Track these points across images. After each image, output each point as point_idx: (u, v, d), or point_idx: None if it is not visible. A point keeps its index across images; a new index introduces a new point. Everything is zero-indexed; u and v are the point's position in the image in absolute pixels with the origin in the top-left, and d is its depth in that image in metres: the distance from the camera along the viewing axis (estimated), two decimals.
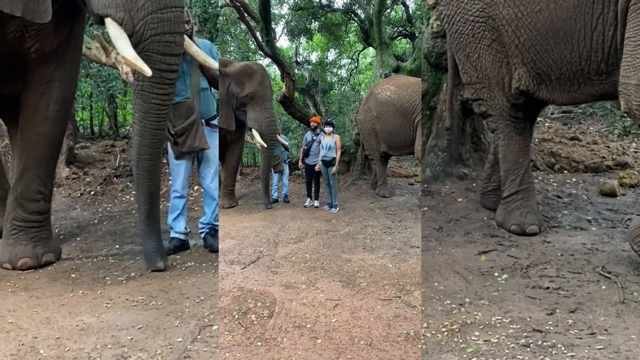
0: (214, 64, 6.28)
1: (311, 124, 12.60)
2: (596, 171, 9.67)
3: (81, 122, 19.25)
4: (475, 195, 7.96)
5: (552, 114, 12.54)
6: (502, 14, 6.27)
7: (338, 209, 11.10)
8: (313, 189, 12.14)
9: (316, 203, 11.95)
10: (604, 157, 10.17)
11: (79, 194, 9.94)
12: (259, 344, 4.07)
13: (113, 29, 4.79)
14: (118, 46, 4.80)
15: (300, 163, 12.57)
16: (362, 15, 20.38)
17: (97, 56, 9.74)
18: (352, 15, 21.68)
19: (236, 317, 4.66)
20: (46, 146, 6.15)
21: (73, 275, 5.69)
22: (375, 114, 12.47)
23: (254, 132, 11.04)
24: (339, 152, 11.24)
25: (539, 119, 11.91)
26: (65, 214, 8.75)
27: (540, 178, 9.09)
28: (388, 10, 19.81)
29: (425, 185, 8.42)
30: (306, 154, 12.14)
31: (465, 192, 8.14)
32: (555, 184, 8.86)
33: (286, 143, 13.52)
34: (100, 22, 4.96)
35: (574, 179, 9.14)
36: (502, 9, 6.26)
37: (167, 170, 7.85)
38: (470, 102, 7.63)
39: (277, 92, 18.03)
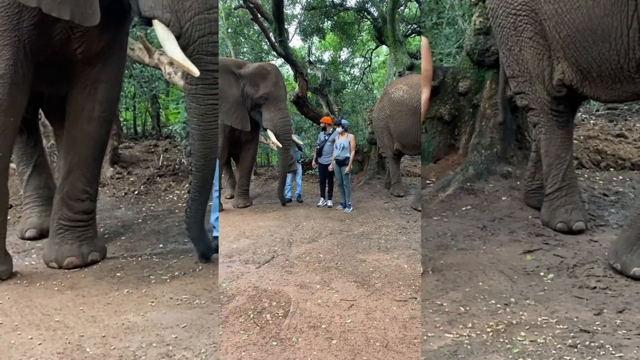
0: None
1: (321, 124, 12.65)
2: None
3: (125, 122, 19.46)
4: (520, 193, 7.85)
5: (597, 110, 12.32)
6: (543, 9, 6.19)
7: (352, 208, 11.05)
8: (326, 188, 12.09)
9: (330, 203, 11.90)
10: None
11: (123, 194, 10.05)
12: (274, 343, 4.08)
13: (160, 30, 4.85)
14: (166, 47, 4.86)
15: (313, 162, 12.55)
16: (375, 13, 20.34)
17: (140, 57, 9.85)
18: (365, 13, 21.66)
19: (251, 316, 4.67)
20: (91, 146, 6.24)
21: (118, 274, 5.77)
22: (388, 113, 12.45)
23: (269, 133, 11.08)
24: (352, 152, 11.17)
25: (584, 115, 11.74)
26: (109, 214, 8.85)
27: (586, 176, 8.93)
28: (401, 8, 19.68)
29: (469, 184, 8.31)
30: (319, 153, 12.11)
31: (509, 190, 8.03)
32: (601, 181, 8.70)
33: (300, 143, 13.50)
34: (148, 23, 5.04)
35: (621, 177, 8.96)
36: (543, 4, 6.18)
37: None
38: (513, 97, 7.54)
39: (290, 92, 18.05)
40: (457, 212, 7.56)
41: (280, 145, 11.12)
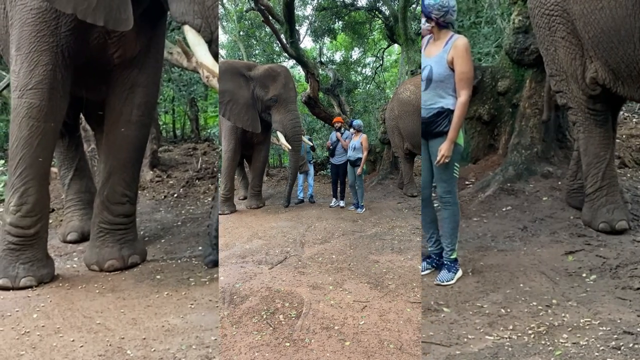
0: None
1: (335, 124, 12.66)
2: None
3: (164, 126, 19.69)
4: (561, 193, 7.74)
5: (639, 109, 12.12)
6: (573, 9, 6.15)
7: (364, 209, 11.06)
8: (339, 189, 12.10)
9: (342, 203, 11.93)
10: None
11: (163, 197, 10.14)
12: (287, 344, 4.06)
13: (191, 36, 4.88)
14: (197, 53, 4.88)
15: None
16: (387, 12, 20.30)
17: (178, 60, 9.94)
18: (376, 12, 21.64)
19: (264, 317, 4.66)
20: (130, 150, 6.31)
21: (158, 277, 5.82)
22: (397, 113, 12.55)
23: (279, 135, 11.10)
24: (365, 153, 11.17)
25: (627, 114, 11.55)
26: (149, 216, 8.94)
27: (628, 175, 8.79)
28: (413, 6, 19.54)
29: (508, 184, 8.23)
30: (332, 153, 12.16)
31: (550, 190, 7.92)
32: None
33: (311, 143, 13.48)
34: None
35: None
36: (572, 4, 6.14)
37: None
38: (554, 96, 7.47)
39: (302, 92, 18.20)
40: (497, 213, 7.49)
41: (290, 147, 11.15)
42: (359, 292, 5.35)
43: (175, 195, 10.23)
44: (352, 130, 11.49)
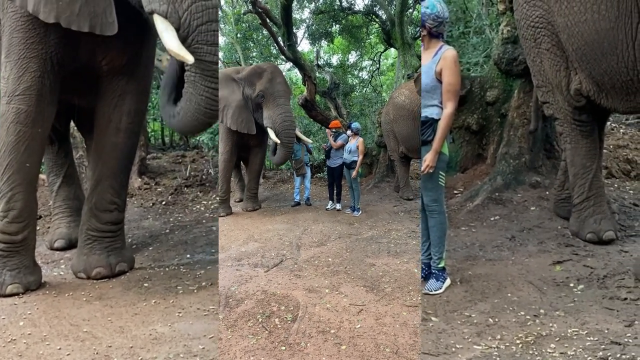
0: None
1: (333, 129, 12.68)
2: None
3: (152, 133, 19.64)
4: (549, 203, 7.77)
5: (627, 119, 12.17)
6: (558, 21, 6.18)
7: (361, 212, 11.07)
8: (335, 191, 12.10)
9: (338, 206, 11.92)
10: None
11: (151, 204, 10.11)
12: (283, 348, 4.06)
13: (159, 22, 4.82)
14: (163, 39, 4.81)
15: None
16: (384, 16, 20.37)
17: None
18: (373, 16, 21.76)
19: (260, 320, 4.67)
20: (119, 157, 6.29)
21: (146, 285, 5.80)
22: (392, 117, 12.65)
23: (269, 131, 10.95)
24: (360, 156, 11.24)
25: (613, 124, 11.62)
26: (137, 224, 8.91)
27: (615, 185, 8.84)
28: (410, 10, 19.72)
29: (497, 194, 8.25)
30: (327, 156, 12.21)
31: (538, 200, 7.95)
32: (631, 191, 8.60)
33: (311, 142, 13.30)
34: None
35: None
36: (557, 17, 6.17)
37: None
38: (541, 106, 7.51)
39: (299, 95, 18.33)
40: (485, 223, 7.51)
41: (279, 142, 10.99)
42: (355, 295, 5.36)
43: (164, 202, 10.20)
44: (349, 132, 11.50)
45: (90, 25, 5.18)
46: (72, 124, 8.01)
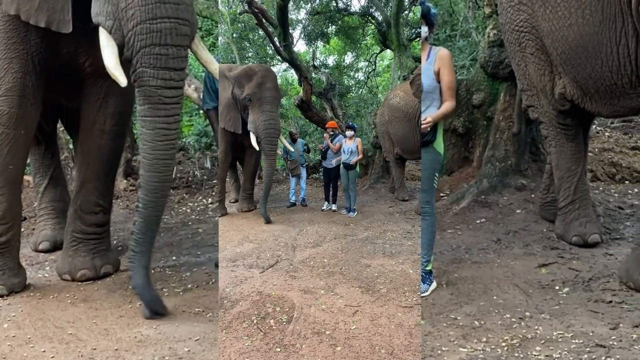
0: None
1: (329, 130, 12.73)
2: None
3: (138, 135, 19.57)
4: (534, 206, 7.79)
5: (612, 122, 12.22)
6: (542, 26, 6.21)
7: (356, 213, 11.12)
8: (331, 192, 12.17)
9: (334, 207, 11.98)
10: None
11: (136, 206, 10.04)
12: (278, 349, 4.07)
13: (103, 37, 4.71)
14: (103, 54, 4.74)
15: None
16: (380, 18, 20.49)
17: None
18: (370, 17, 21.85)
19: (255, 321, 4.68)
20: (104, 159, 6.25)
21: (131, 287, 5.76)
22: (387, 118, 12.68)
23: (251, 135, 10.72)
24: (360, 155, 11.37)
25: (599, 128, 11.68)
26: (123, 226, 8.86)
27: (600, 189, 8.88)
28: (406, 12, 19.77)
29: (483, 197, 8.27)
30: (324, 157, 12.28)
31: (524, 203, 7.97)
32: (616, 194, 8.64)
33: (292, 149, 12.82)
34: None
35: (636, 190, 8.90)
36: (541, 21, 6.19)
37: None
38: (525, 109, 7.55)
39: (295, 96, 18.43)
40: (471, 225, 7.53)
41: (257, 148, 10.78)
42: (350, 296, 5.37)
43: None
44: (351, 132, 11.50)
45: (47, 21, 5.11)
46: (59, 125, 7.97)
